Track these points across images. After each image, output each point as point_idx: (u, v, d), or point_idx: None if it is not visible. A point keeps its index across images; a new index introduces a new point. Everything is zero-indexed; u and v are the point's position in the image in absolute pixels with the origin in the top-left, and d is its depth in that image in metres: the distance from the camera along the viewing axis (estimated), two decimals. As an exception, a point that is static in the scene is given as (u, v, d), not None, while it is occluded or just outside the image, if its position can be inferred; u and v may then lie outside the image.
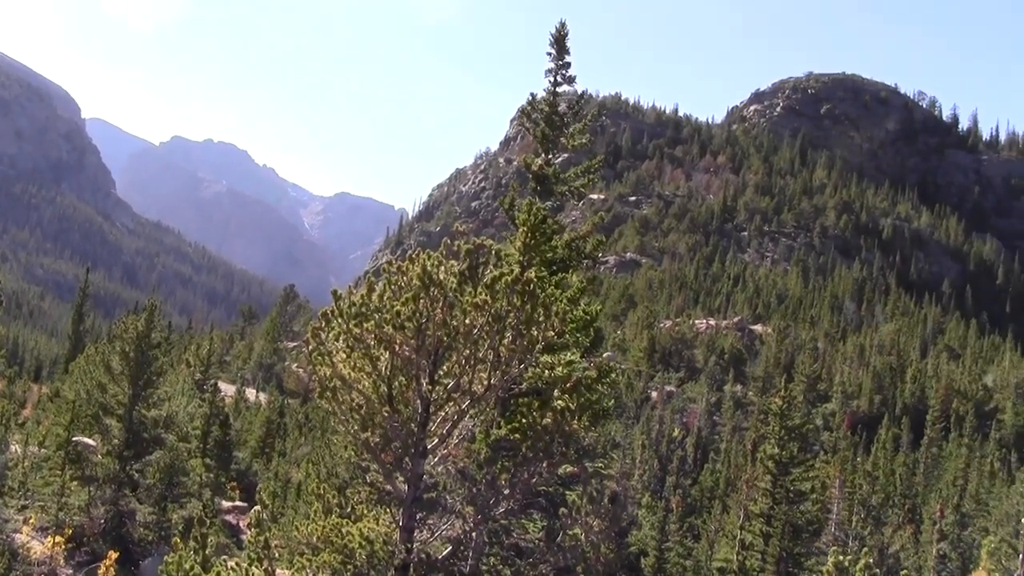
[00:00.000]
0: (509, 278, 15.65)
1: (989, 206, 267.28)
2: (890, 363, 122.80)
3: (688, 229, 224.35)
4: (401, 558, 16.29)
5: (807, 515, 50.15)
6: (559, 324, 16.36)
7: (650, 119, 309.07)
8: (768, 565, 47.06)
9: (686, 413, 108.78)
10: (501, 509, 17.26)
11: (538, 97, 28.93)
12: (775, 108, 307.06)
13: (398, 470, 16.50)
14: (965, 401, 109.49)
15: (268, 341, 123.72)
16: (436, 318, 15.63)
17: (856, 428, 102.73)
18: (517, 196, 27.02)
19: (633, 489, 66.08)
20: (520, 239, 21.97)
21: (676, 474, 72.03)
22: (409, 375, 16.14)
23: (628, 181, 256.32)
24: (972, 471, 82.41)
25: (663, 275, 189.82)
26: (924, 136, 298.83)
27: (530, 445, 16.40)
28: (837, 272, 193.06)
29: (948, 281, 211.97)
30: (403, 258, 16.49)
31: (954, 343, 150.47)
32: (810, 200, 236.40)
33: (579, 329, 22.60)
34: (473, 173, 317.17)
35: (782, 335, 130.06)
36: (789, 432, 49.00)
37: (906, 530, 63.80)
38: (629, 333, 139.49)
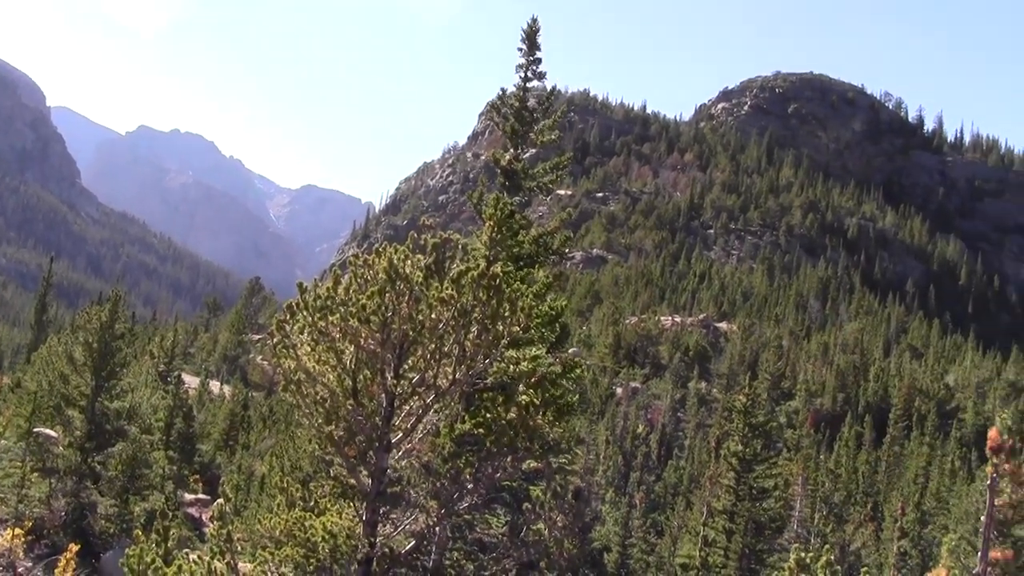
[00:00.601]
0: (475, 273, 15.63)
1: (953, 207, 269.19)
2: (853, 362, 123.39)
3: (655, 226, 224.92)
4: (364, 552, 16.25)
5: (770, 512, 50.34)
6: (525, 319, 16.34)
7: (618, 116, 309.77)
8: (731, 561, 47.22)
9: (651, 409, 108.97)
10: (465, 504, 17.25)
11: (508, 92, 28.89)
12: (743, 107, 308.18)
13: (362, 464, 16.46)
14: (927, 400, 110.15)
15: (233, 333, 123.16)
16: (402, 312, 15.59)
17: (819, 426, 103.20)
18: (485, 191, 26.99)
19: (597, 485, 66.17)
20: (487, 234, 21.95)
21: (640, 470, 72.21)
22: (374, 369, 16.10)
23: (596, 177, 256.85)
24: (933, 469, 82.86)
25: (629, 272, 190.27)
26: (890, 137, 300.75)
27: (494, 440, 16.38)
28: (802, 271, 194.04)
29: (912, 281, 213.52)
30: (369, 251, 16.44)
31: (917, 342, 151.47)
32: (776, 199, 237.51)
33: (545, 324, 22.60)
34: (441, 167, 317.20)
35: (747, 333, 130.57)
36: (753, 429, 49.18)
37: (868, 527, 64.18)
38: (595, 329, 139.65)
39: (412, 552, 17.67)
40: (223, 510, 16.33)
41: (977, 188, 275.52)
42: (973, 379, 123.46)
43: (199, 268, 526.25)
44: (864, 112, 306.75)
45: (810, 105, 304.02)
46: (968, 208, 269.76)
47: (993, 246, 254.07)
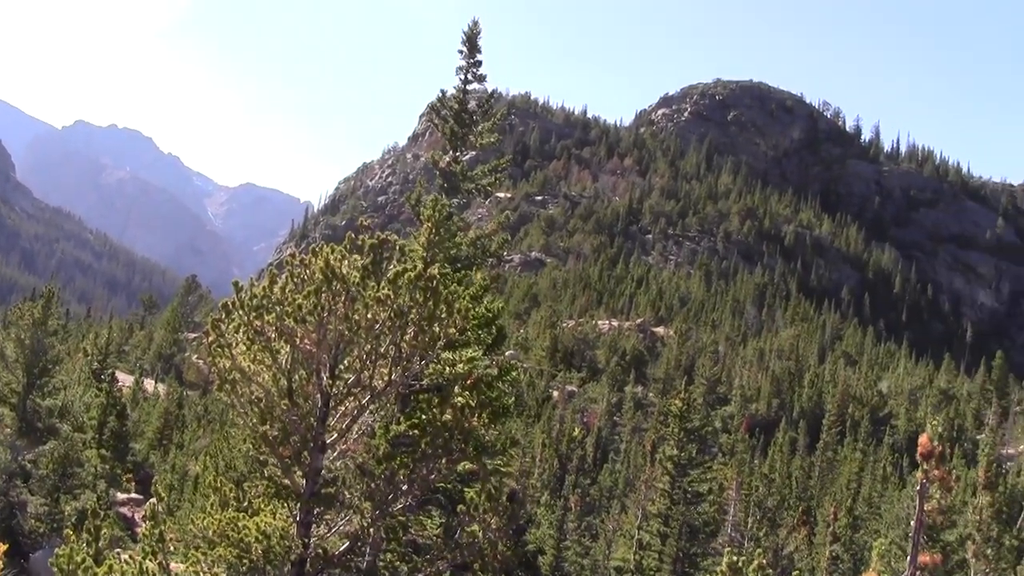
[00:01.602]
0: (412, 274, 15.62)
1: (888, 216, 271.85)
2: (789, 368, 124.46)
3: (593, 230, 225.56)
4: (298, 553, 16.19)
5: (704, 516, 50.68)
6: (461, 321, 16.35)
7: (559, 119, 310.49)
8: (665, 565, 47.46)
9: (587, 413, 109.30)
10: (399, 505, 17.23)
11: (448, 94, 28.96)
12: (683, 113, 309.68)
13: (296, 464, 16.40)
14: (860, 406, 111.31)
15: (168, 331, 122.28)
16: (338, 312, 15.55)
17: (754, 431, 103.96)
18: (423, 192, 27.02)
19: (533, 487, 66.25)
20: (424, 235, 21.95)
21: (575, 473, 72.26)
22: (309, 369, 16.05)
23: (535, 180, 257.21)
24: (866, 475, 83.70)
25: (567, 275, 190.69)
26: (827, 145, 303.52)
27: (429, 441, 16.39)
28: (739, 277, 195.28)
29: (847, 288, 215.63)
30: (307, 251, 16.40)
31: (851, 349, 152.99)
32: (715, 205, 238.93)
33: (481, 326, 22.64)
34: (380, 168, 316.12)
35: (684, 338, 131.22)
36: (688, 434, 49.48)
37: (800, 532, 64.65)
38: (532, 332, 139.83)
39: (346, 553, 17.61)
40: (156, 510, 16.21)
41: (912, 198, 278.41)
42: (906, 386, 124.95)
43: (135, 265, 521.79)
44: (803, 120, 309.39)
45: (749, 112, 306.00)
46: (903, 217, 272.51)
47: (927, 255, 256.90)
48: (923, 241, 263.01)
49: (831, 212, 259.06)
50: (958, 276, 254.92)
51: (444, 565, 17.80)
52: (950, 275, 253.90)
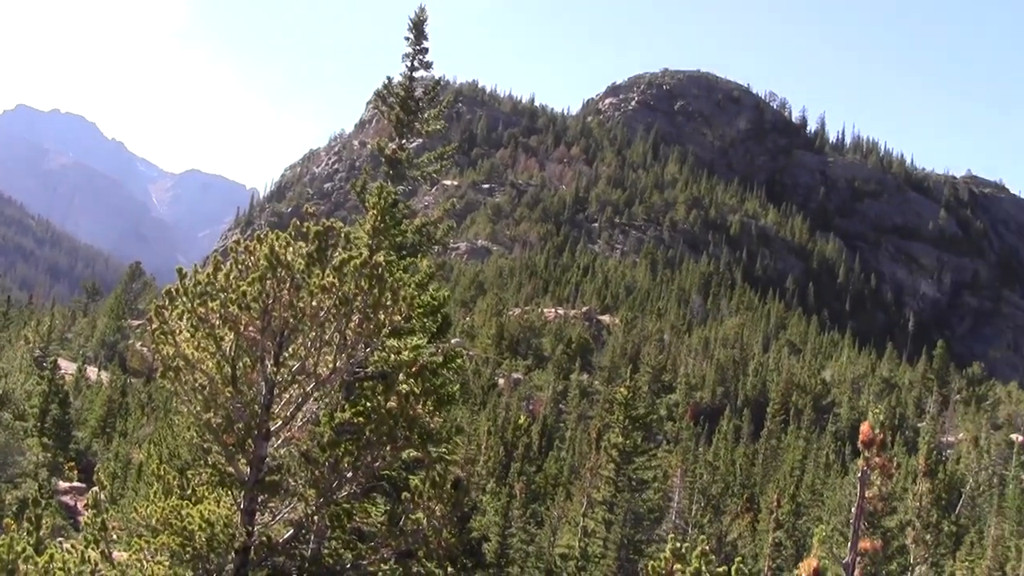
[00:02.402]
0: (357, 261, 15.60)
1: (833, 207, 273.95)
2: (733, 356, 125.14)
3: (540, 218, 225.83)
4: (242, 541, 16.15)
5: (649, 503, 50.92)
6: (406, 308, 16.36)
7: (506, 108, 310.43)
8: (609, 551, 47.66)
9: (532, 401, 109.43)
10: (343, 493, 17.21)
11: (394, 81, 28.86)
12: (630, 102, 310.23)
13: (240, 452, 16.34)
14: (804, 395, 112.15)
15: (112, 319, 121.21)
16: (282, 299, 15.51)
17: (699, 419, 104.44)
18: (369, 179, 26.95)
19: (478, 475, 66.21)
20: (370, 222, 21.87)
21: (521, 461, 72.30)
22: (254, 356, 16.00)
23: (482, 169, 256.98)
24: (809, 462, 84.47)
25: (514, 263, 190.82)
26: (773, 136, 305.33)
27: (374, 429, 16.37)
28: (685, 266, 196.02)
29: (792, 278, 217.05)
30: (252, 238, 16.32)
31: (795, 338, 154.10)
32: (661, 194, 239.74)
33: (427, 314, 22.62)
34: (327, 155, 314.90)
35: (629, 326, 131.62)
36: (633, 422, 49.69)
37: (744, 519, 65.08)
38: (478, 320, 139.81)
39: (290, 541, 17.59)
40: (98, 498, 16.14)
41: (856, 189, 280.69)
42: (849, 375, 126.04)
43: (78, 252, 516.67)
44: (749, 111, 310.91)
45: (696, 103, 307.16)
46: (847, 208, 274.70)
47: (871, 246, 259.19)
48: (867, 232, 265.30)
49: (776, 202, 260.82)
50: (901, 267, 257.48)
51: (388, 552, 17.80)
52: (893, 266, 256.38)
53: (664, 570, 16.06)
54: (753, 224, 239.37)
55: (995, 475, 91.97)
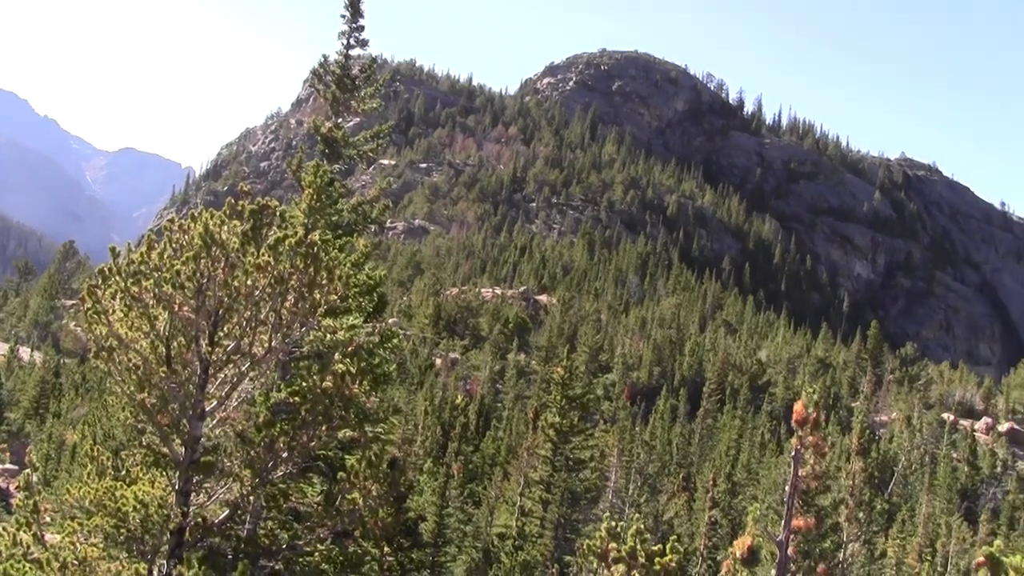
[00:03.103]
0: (293, 240, 15.53)
1: (769, 188, 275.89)
2: (670, 336, 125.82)
3: (477, 198, 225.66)
4: (176, 522, 16.06)
5: (586, 482, 51.08)
6: (342, 288, 16.30)
7: (444, 87, 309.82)
8: (547, 531, 47.80)
9: (470, 380, 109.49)
10: (279, 473, 17.14)
11: (331, 59, 28.72)
12: (568, 82, 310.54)
13: (175, 432, 16.24)
14: (740, 374, 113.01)
15: (45, 298, 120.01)
16: (217, 278, 15.41)
17: (635, 398, 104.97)
18: (305, 158, 26.82)
19: (415, 455, 66.16)
20: (305, 201, 21.79)
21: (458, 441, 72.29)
22: (188, 336, 15.88)
23: (419, 148, 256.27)
24: (744, 442, 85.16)
25: (451, 243, 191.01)
26: (711, 117, 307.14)
27: (310, 408, 16.31)
28: (622, 246, 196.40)
29: (728, 258, 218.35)
30: (186, 217, 16.19)
31: (732, 318, 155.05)
32: (598, 174, 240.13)
33: (363, 293, 22.55)
34: (263, 133, 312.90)
35: (566, 306, 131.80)
36: (570, 401, 49.79)
37: (680, 498, 65.57)
38: (415, 299, 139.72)
39: (226, 521, 17.52)
40: (30, 480, 15.99)
41: (792, 170, 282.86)
42: (784, 355, 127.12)
43: (10, 230, 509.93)
44: (686, 92, 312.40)
45: (634, 83, 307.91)
46: (783, 189, 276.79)
47: (806, 227, 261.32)
48: (802, 213, 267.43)
49: (713, 183, 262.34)
50: (836, 248, 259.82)
51: (325, 532, 17.78)
52: (828, 247, 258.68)
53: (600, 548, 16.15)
54: (690, 205, 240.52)
55: (927, 454, 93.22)
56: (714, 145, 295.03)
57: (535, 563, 42.72)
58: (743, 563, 22.16)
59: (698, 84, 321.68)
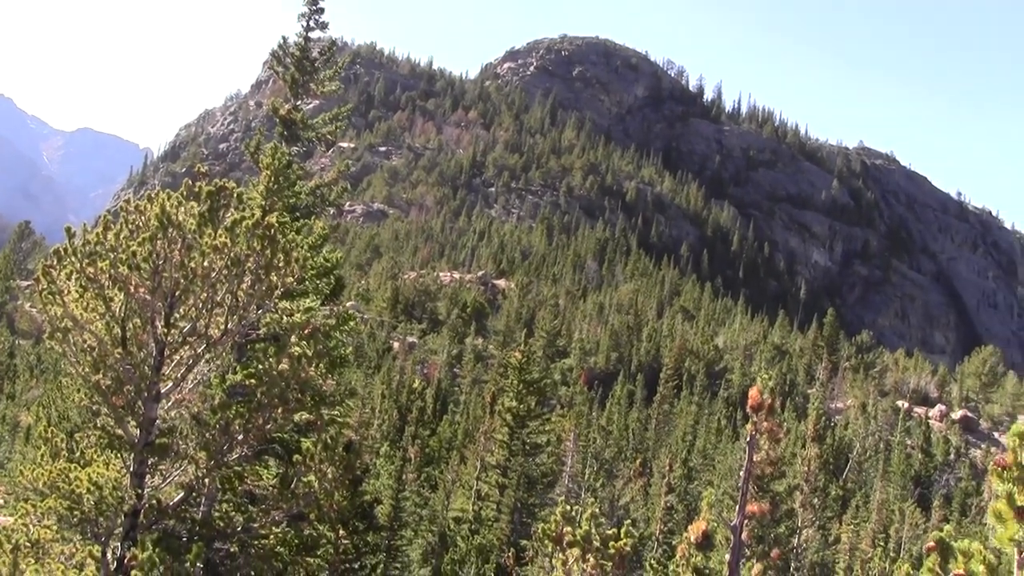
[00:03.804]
0: (250, 222, 15.47)
1: (728, 175, 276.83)
2: (628, 322, 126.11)
3: (437, 182, 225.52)
4: (131, 504, 16.00)
5: (542, 467, 51.20)
6: (299, 270, 16.26)
7: (404, 70, 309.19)
8: (503, 515, 47.88)
9: (427, 364, 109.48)
10: (235, 455, 17.09)
11: (290, 41, 28.59)
12: (528, 67, 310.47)
13: (130, 414, 16.16)
14: (697, 360, 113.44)
15: (0, 279, 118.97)
16: (173, 260, 15.34)
17: (593, 384, 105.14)
18: (263, 140, 26.71)
19: (372, 438, 66.15)
20: (263, 183, 21.71)
21: (415, 424, 72.31)
22: (144, 317, 15.80)
23: (379, 131, 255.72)
24: (701, 428, 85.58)
25: (410, 226, 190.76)
26: (670, 104, 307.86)
27: (265, 391, 16.26)
28: (581, 231, 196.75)
29: (686, 245, 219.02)
30: (143, 197, 16.11)
31: (689, 305, 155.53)
32: (558, 160, 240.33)
33: (320, 276, 22.52)
34: (223, 115, 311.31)
35: (525, 291, 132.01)
36: (527, 386, 49.86)
37: (636, 483, 65.76)
38: (373, 283, 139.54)
39: (180, 504, 17.46)
40: (-18, 460, 15.90)
41: (751, 158, 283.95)
42: (741, 341, 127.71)
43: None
44: (647, 79, 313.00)
45: (594, 69, 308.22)
46: (742, 176, 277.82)
47: (764, 214, 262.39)
48: (761, 200, 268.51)
49: (672, 170, 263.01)
50: (793, 235, 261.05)
51: (280, 515, 17.77)
52: (786, 234, 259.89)
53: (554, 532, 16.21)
54: (649, 191, 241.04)
55: (881, 440, 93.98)
56: (674, 132, 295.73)
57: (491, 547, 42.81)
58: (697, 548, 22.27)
59: (659, 71, 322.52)
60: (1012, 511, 8.16)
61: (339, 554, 26.54)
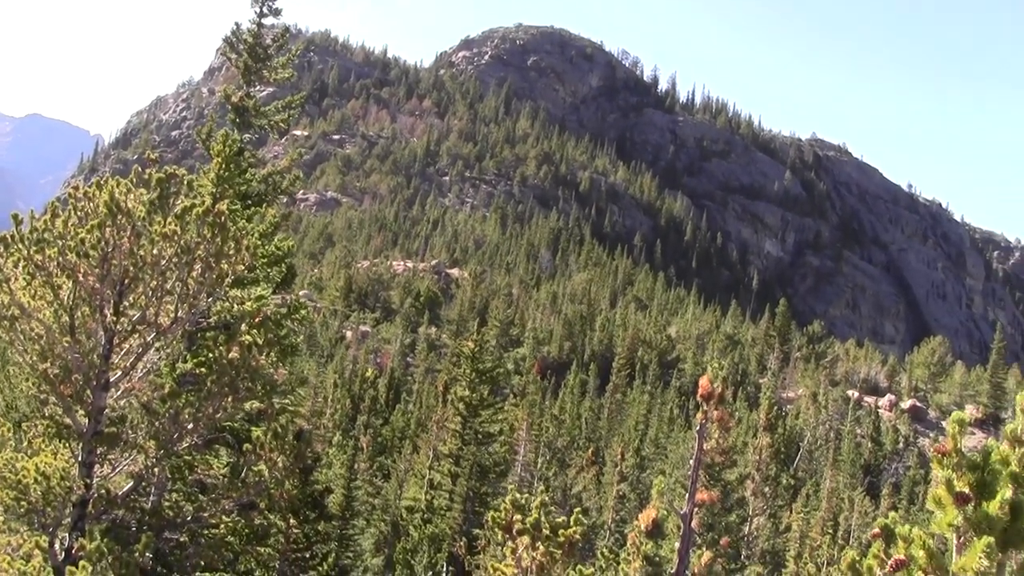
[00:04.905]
0: (200, 209, 15.34)
1: (681, 165, 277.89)
2: (581, 311, 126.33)
3: (390, 171, 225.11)
4: (79, 494, 15.85)
5: (495, 456, 51.27)
6: (249, 258, 16.15)
7: (358, 58, 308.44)
8: (455, 504, 47.90)
9: (380, 353, 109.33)
10: (185, 444, 16.96)
11: (243, 27, 28.39)
12: (483, 56, 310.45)
13: (78, 403, 16.01)
14: (650, 350, 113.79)
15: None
16: (123, 247, 15.18)
17: (545, 373, 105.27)
18: (215, 127, 26.48)
19: (324, 427, 66.00)
20: (214, 170, 21.55)
21: (368, 414, 72.21)
22: (93, 305, 15.64)
23: (333, 119, 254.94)
24: (653, 417, 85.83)
25: (363, 215, 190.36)
26: (625, 94, 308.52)
27: (216, 379, 16.14)
28: (534, 221, 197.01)
29: (639, 235, 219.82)
30: (92, 184, 15.95)
31: (642, 294, 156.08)
32: (512, 149, 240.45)
33: (271, 264, 22.41)
34: (175, 102, 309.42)
35: (478, 280, 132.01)
36: (480, 375, 49.89)
37: (589, 472, 65.94)
38: (326, 272, 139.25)
39: (130, 493, 17.32)
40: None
41: (705, 148, 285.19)
42: (694, 331, 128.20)
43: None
44: (601, 68, 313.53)
45: (549, 58, 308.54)
46: (695, 167, 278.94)
47: (717, 204, 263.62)
48: (714, 191, 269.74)
49: (626, 160, 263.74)
50: (746, 226, 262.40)
51: (230, 504, 17.65)
52: (739, 224, 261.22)
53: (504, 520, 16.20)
54: (603, 181, 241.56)
55: (832, 430, 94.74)
56: (628, 122, 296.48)
57: (443, 536, 42.86)
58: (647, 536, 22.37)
59: (613, 61, 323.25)
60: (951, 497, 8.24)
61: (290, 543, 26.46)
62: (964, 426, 8.53)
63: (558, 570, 16.00)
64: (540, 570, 16.03)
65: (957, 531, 8.34)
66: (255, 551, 20.66)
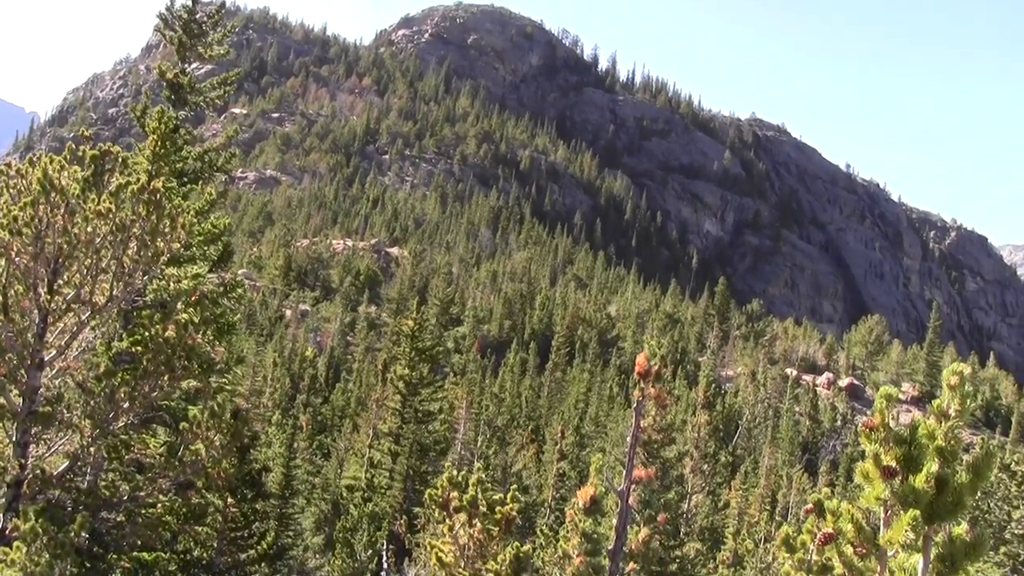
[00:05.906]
0: (135, 187, 15.24)
1: (621, 145, 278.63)
2: (521, 290, 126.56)
3: (330, 149, 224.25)
4: (14, 474, 15.74)
5: (435, 434, 51.35)
6: (185, 236, 16.06)
7: (298, 36, 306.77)
8: (395, 482, 47.94)
9: (320, 332, 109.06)
10: (121, 423, 16.86)
11: (177, 3, 28.11)
12: (423, 34, 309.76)
13: (12, 382, 15.88)
14: (590, 328, 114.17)
15: None
16: (56, 225, 15.06)
17: (486, 351, 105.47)
18: (150, 104, 26.23)
19: (264, 406, 65.77)
20: (149, 148, 21.38)
21: (307, 392, 72.15)
22: (26, 283, 15.51)
23: (272, 97, 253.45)
24: (593, 395, 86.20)
25: (303, 194, 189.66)
26: (565, 73, 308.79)
27: (151, 358, 16.05)
28: (475, 199, 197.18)
29: (579, 214, 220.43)
30: (25, 162, 15.79)
31: (582, 273, 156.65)
32: (452, 128, 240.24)
33: (207, 242, 22.28)
34: (112, 79, 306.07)
35: (418, 259, 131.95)
36: (420, 354, 49.94)
37: (529, 450, 66.16)
38: (266, 250, 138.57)
39: (65, 473, 17.20)
40: None
41: (645, 128, 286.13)
42: (634, 310, 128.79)
43: None
44: (541, 47, 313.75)
45: (489, 37, 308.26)
46: (635, 146, 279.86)
47: (657, 184, 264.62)
48: (654, 170, 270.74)
49: (566, 139, 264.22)
50: (686, 205, 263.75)
51: (167, 483, 17.58)
52: (678, 203, 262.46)
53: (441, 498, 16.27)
54: (543, 160, 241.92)
55: (770, 407, 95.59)
56: (568, 101, 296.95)
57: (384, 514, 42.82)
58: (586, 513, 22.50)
59: (553, 40, 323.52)
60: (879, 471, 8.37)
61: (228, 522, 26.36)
62: (892, 401, 8.67)
63: (495, 547, 16.09)
64: (477, 547, 16.11)
65: (884, 505, 8.48)
66: (193, 530, 20.61)
